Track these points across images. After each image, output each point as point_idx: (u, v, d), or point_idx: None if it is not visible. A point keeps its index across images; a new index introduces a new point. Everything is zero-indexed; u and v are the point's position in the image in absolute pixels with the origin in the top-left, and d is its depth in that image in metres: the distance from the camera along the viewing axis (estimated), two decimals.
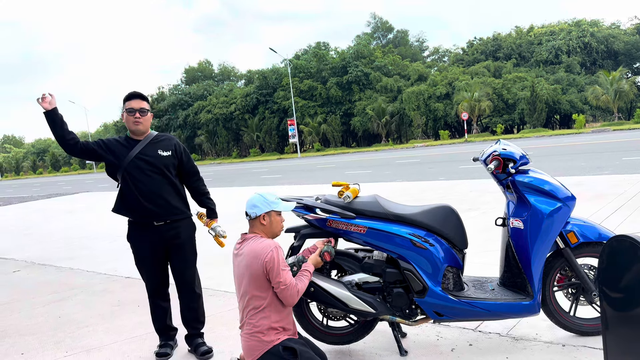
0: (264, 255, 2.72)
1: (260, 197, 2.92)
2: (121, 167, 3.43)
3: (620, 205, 7.08)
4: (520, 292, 3.20)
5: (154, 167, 3.46)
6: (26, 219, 14.24)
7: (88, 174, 57.30)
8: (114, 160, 3.44)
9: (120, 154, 3.44)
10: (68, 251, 8.31)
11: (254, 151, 55.60)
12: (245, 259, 2.78)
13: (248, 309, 2.78)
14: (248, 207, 2.91)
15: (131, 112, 3.43)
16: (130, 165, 3.42)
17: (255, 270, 2.72)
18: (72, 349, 3.92)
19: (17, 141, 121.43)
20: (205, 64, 75.45)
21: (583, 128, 37.32)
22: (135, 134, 3.51)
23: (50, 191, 27.29)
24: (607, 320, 2.13)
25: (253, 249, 2.77)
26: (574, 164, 13.74)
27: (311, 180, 17.42)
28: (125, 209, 3.50)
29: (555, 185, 3.18)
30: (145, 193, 3.42)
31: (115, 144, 3.50)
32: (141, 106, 3.46)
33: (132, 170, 3.42)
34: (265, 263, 2.70)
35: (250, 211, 2.89)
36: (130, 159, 3.42)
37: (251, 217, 2.90)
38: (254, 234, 2.90)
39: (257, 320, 2.73)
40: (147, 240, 3.49)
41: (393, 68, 52.67)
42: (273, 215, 2.91)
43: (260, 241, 2.81)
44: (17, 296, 5.72)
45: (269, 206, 2.89)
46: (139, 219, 3.48)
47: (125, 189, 3.46)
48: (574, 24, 51.13)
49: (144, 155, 3.46)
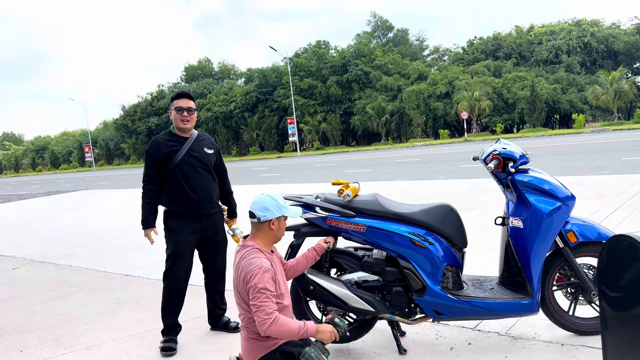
0: (249, 276, 2.55)
1: (272, 199, 2.72)
2: (172, 164, 3.63)
3: (619, 205, 7.08)
4: (519, 291, 3.21)
5: (202, 164, 3.72)
6: (25, 217, 14.23)
7: (88, 172, 57.27)
8: (167, 161, 3.64)
9: (171, 151, 3.63)
10: (67, 249, 8.31)
11: (254, 150, 55.59)
12: (237, 272, 2.66)
13: (242, 315, 2.69)
14: (257, 209, 2.71)
15: (179, 110, 3.64)
16: (182, 161, 3.63)
17: (242, 290, 2.61)
18: (71, 346, 3.91)
19: (17, 138, 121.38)
20: (205, 62, 75.44)
21: (583, 128, 37.33)
22: (181, 132, 3.72)
23: (49, 189, 27.29)
24: (606, 319, 2.14)
25: (244, 268, 2.61)
26: (574, 163, 13.75)
27: (311, 179, 17.42)
28: (174, 203, 3.67)
29: (555, 185, 3.18)
30: (195, 188, 3.65)
31: (163, 143, 3.67)
32: (189, 105, 3.67)
33: (183, 166, 3.63)
34: (248, 287, 2.55)
35: (261, 214, 2.70)
36: (181, 156, 3.63)
37: (259, 220, 2.71)
38: (253, 245, 2.71)
39: (254, 327, 2.61)
40: (189, 229, 3.67)
41: (393, 67, 52.63)
42: (282, 220, 2.77)
43: (252, 258, 2.62)
44: (16, 293, 5.72)
45: (280, 211, 2.72)
46: (187, 210, 3.65)
47: (175, 183, 3.64)
48: (574, 23, 51.10)
49: (193, 152, 3.69)
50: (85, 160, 69.60)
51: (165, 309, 3.73)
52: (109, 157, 74.13)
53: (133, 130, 66.84)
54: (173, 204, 3.67)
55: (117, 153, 75.16)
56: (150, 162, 3.68)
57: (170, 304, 3.73)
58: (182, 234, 3.66)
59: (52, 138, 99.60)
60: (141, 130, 65.14)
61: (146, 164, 3.73)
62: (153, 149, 3.67)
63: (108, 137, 75.90)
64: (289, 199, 3.39)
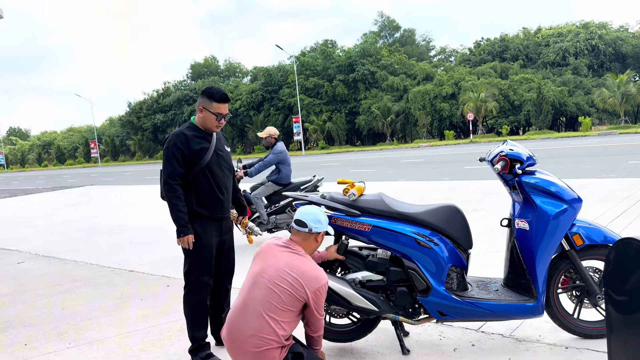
0: (319, 284, 2.63)
1: (323, 214, 2.80)
2: (202, 164, 3.31)
3: (626, 208, 7.04)
4: (524, 293, 3.19)
5: (227, 164, 3.49)
6: (31, 211, 14.30)
7: (93, 167, 57.48)
8: (196, 160, 3.30)
9: (202, 149, 3.31)
10: (72, 243, 8.34)
11: (259, 148, 55.63)
12: (290, 272, 2.63)
13: (264, 316, 2.60)
14: (311, 220, 2.76)
15: (219, 116, 3.32)
16: (211, 161, 3.35)
17: (297, 291, 2.61)
18: (75, 340, 3.93)
19: (23, 134, 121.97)
20: (211, 60, 75.56)
21: (589, 131, 37.16)
22: (208, 130, 3.40)
23: (55, 184, 27.41)
24: (611, 323, 2.13)
25: (305, 271, 2.64)
26: (580, 166, 13.68)
27: None
28: (202, 206, 3.33)
29: (562, 187, 3.16)
30: (222, 189, 3.41)
31: (193, 139, 3.30)
32: (227, 112, 3.38)
33: (212, 165, 3.35)
34: (316, 291, 2.62)
35: (313, 225, 2.74)
36: (210, 155, 3.34)
37: (311, 231, 2.75)
38: (301, 250, 2.74)
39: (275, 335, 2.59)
40: (214, 232, 3.39)
41: (399, 67, 52.56)
42: (323, 236, 2.87)
43: (313, 266, 2.69)
44: (21, 287, 5.75)
45: (326, 226, 2.85)
46: (213, 213, 3.37)
47: (205, 184, 3.33)
48: (582, 26, 50.89)
49: (219, 151, 3.44)
50: (91, 156, 69.84)
51: (198, 322, 3.38)
52: (114, 153, 74.38)
53: (139, 127, 67.04)
54: (200, 207, 3.32)
55: (122, 149, 75.37)
56: (178, 157, 3.25)
57: (202, 315, 3.41)
58: (209, 238, 3.35)
59: (59, 133, 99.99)
60: (147, 127, 65.33)
61: (171, 159, 3.25)
62: (182, 143, 3.26)
63: (114, 134, 76.13)
64: (294, 197, 3.40)
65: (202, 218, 3.34)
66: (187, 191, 3.32)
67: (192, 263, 3.32)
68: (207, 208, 3.34)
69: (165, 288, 5.21)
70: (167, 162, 3.28)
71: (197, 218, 3.33)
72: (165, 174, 3.28)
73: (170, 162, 3.26)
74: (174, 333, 3.90)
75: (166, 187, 3.26)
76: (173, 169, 3.25)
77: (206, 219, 3.35)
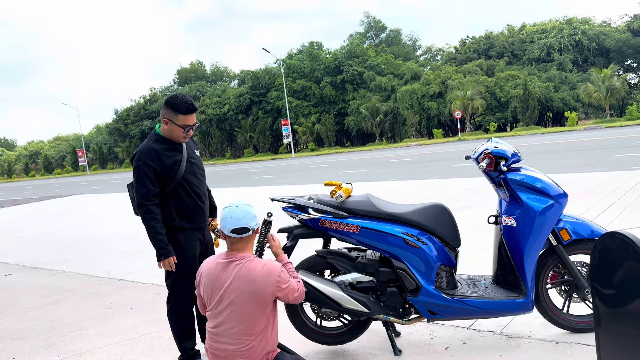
0: (275, 275, 2.54)
1: (250, 206, 2.66)
2: (178, 176, 3.13)
3: (612, 202, 7.11)
4: (513, 290, 3.20)
5: (200, 169, 3.34)
6: (18, 222, 14.13)
7: (81, 176, 56.96)
8: (171, 174, 3.11)
9: (176, 162, 3.13)
10: (60, 254, 8.25)
11: (248, 151, 55.52)
12: (245, 287, 2.52)
13: (237, 334, 2.54)
14: (248, 220, 2.58)
15: (186, 128, 3.11)
16: (186, 171, 3.17)
17: (261, 297, 2.53)
18: (64, 352, 3.88)
19: (9, 144, 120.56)
20: (198, 65, 75.25)
21: (575, 125, 37.53)
22: (176, 141, 3.20)
23: (42, 194, 27.12)
24: (599, 317, 2.13)
25: (256, 276, 2.53)
26: (567, 161, 13.80)
27: (305, 180, 17.40)
28: (185, 219, 3.19)
29: (547, 183, 3.18)
30: (201, 197, 3.28)
31: (164, 152, 3.10)
32: (194, 122, 3.16)
33: (188, 175, 3.18)
34: (277, 283, 2.54)
35: (252, 224, 2.61)
36: (184, 165, 3.16)
37: (253, 231, 2.63)
38: (246, 254, 2.62)
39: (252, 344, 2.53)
40: (196, 242, 3.28)
41: (386, 67, 52.74)
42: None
43: (259, 265, 2.57)
44: (8, 300, 5.67)
45: (255, 212, 2.67)
46: (196, 224, 3.25)
47: (184, 197, 3.16)
48: (566, 22, 51.36)
49: (191, 158, 3.26)
50: (78, 164, 69.31)
51: (185, 333, 3.30)
52: (102, 161, 73.84)
53: (126, 134, 66.61)
54: (183, 221, 3.18)
55: (110, 157, 74.85)
56: (151, 176, 3.04)
57: (188, 326, 3.32)
58: (192, 249, 3.23)
59: (45, 143, 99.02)
60: (134, 133, 64.91)
61: (143, 180, 3.04)
62: (153, 160, 3.04)
63: (101, 142, 75.55)
64: (281, 200, 3.37)
65: (184, 230, 3.21)
66: (166, 207, 3.14)
67: (177, 276, 3.20)
68: (189, 220, 3.21)
69: (155, 296, 5.17)
70: (139, 182, 3.08)
71: (180, 231, 3.19)
72: (138, 195, 3.08)
73: (143, 182, 3.05)
74: (164, 342, 3.87)
75: (142, 209, 3.07)
76: (147, 189, 3.05)
77: (188, 230, 3.22)
